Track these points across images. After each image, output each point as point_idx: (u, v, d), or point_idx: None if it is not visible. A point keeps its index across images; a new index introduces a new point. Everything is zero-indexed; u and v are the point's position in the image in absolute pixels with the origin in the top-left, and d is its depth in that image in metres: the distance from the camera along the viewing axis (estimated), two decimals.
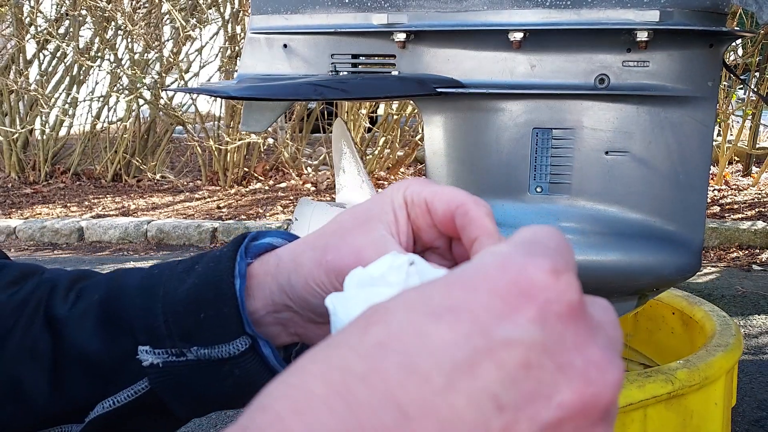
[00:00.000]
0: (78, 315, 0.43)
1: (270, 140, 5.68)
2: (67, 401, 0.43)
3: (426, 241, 0.39)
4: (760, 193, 4.81)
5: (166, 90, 5.38)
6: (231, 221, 4.45)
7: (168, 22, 5.61)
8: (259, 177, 5.62)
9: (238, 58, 4.51)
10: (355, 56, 1.18)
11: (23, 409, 0.43)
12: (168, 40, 5.70)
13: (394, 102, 5.01)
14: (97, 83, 5.76)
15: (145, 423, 0.44)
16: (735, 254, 3.71)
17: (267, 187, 5.46)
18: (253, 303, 0.41)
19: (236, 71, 1.39)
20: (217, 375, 0.41)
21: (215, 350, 0.40)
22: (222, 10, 5.19)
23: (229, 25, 5.24)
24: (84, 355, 0.42)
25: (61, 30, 5.61)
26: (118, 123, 5.75)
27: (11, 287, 0.46)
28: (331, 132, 2.76)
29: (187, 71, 5.48)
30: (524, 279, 0.24)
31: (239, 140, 5.22)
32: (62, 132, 5.80)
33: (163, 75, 5.41)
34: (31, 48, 5.74)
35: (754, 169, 5.36)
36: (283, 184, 5.52)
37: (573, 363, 0.24)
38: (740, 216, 4.24)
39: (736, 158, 5.61)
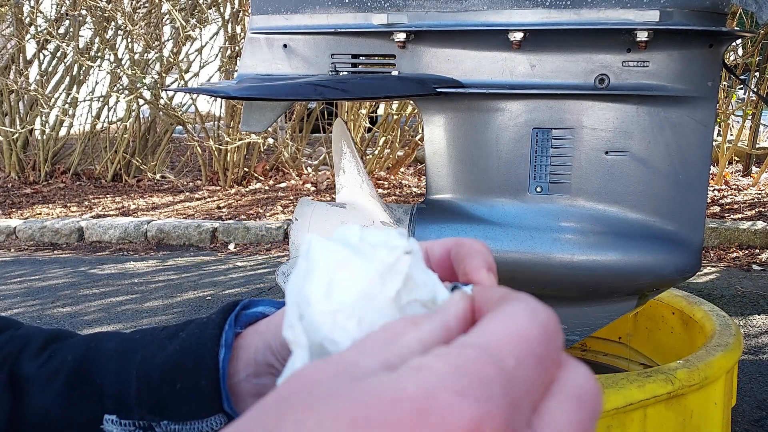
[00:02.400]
0: (47, 375, 0.40)
1: (270, 140, 5.68)
2: None
3: None
4: (760, 193, 4.81)
5: (166, 90, 5.38)
6: (231, 221, 4.45)
7: (168, 22, 5.61)
8: (259, 177, 5.62)
9: (238, 58, 4.51)
10: (355, 56, 1.18)
11: None
12: (168, 40, 5.70)
13: (394, 102, 5.01)
14: (97, 83, 5.76)
15: None
16: (735, 254, 3.71)
17: (267, 187, 5.46)
18: (234, 364, 0.38)
19: (236, 71, 1.39)
20: None
21: (187, 426, 0.37)
22: (222, 10, 5.19)
23: (229, 25, 5.24)
24: (44, 420, 0.39)
25: (61, 30, 5.61)
26: (118, 123, 5.75)
27: None
28: (331, 132, 2.76)
29: (187, 71, 5.48)
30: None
31: (239, 140, 5.22)
32: (62, 132, 5.81)
33: (163, 75, 5.41)
34: (31, 48, 5.74)
35: (754, 169, 5.36)
36: (283, 184, 5.52)
37: None
38: (740, 216, 4.24)
39: (736, 158, 5.61)
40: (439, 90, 1.11)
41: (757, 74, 4.83)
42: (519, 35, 1.07)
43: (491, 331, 0.24)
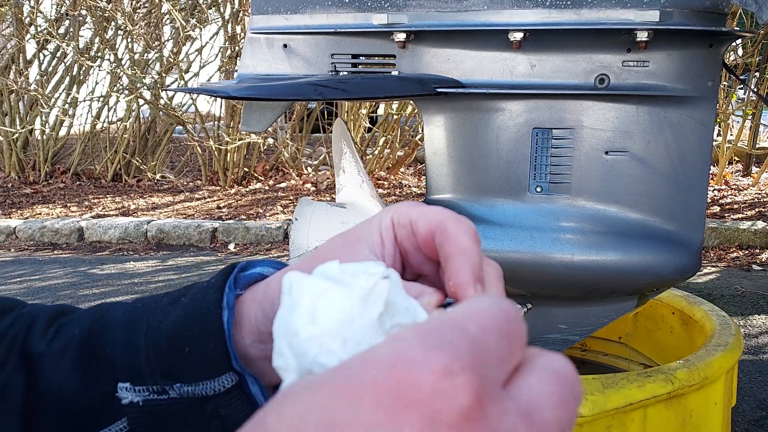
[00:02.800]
0: (56, 351, 0.41)
1: (270, 140, 5.68)
2: None
3: (414, 265, 0.37)
4: (760, 193, 4.81)
5: (166, 90, 5.38)
6: (231, 221, 4.45)
7: (168, 22, 5.61)
8: (259, 177, 5.62)
9: (238, 58, 4.51)
10: (355, 56, 1.18)
11: None
12: (168, 40, 5.70)
13: (394, 102, 5.01)
14: (97, 83, 5.76)
15: None
16: (735, 254, 3.71)
17: (267, 187, 5.46)
18: (239, 331, 0.39)
19: (236, 71, 1.39)
20: (201, 414, 0.39)
21: (199, 387, 0.38)
22: (222, 10, 5.19)
23: (229, 25, 5.24)
24: (60, 395, 0.40)
25: (61, 30, 5.61)
26: (118, 123, 5.75)
27: None
28: (331, 132, 2.76)
29: (187, 71, 5.48)
30: (410, 384, 0.22)
31: (239, 140, 5.22)
32: (62, 132, 5.81)
33: (163, 75, 5.41)
34: (31, 48, 5.74)
35: (754, 169, 5.36)
36: (283, 184, 5.52)
37: None
38: (740, 216, 4.24)
39: (736, 158, 5.62)
40: (439, 90, 1.11)
41: (757, 74, 4.83)
42: (519, 35, 1.07)
43: (454, 311, 0.26)
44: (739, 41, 4.56)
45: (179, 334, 0.38)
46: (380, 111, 5.99)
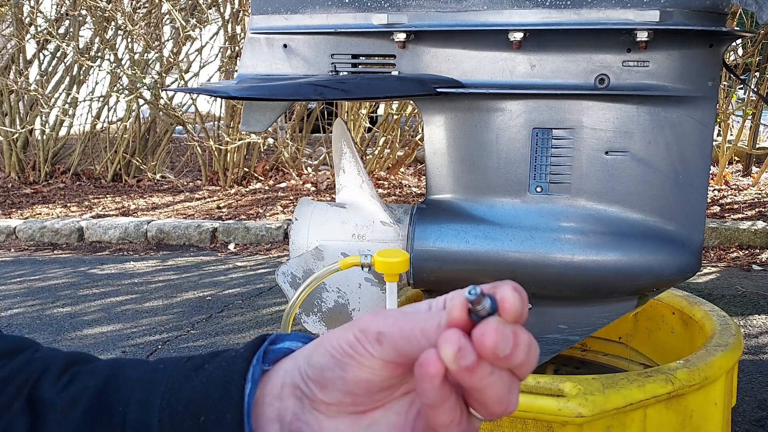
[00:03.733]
0: (67, 401, 0.40)
1: (270, 140, 5.68)
2: None
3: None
4: (760, 193, 4.81)
5: (166, 90, 5.38)
6: (231, 221, 4.45)
7: (168, 22, 5.61)
8: (259, 177, 5.62)
9: (238, 58, 4.51)
10: (355, 56, 1.18)
11: None
12: (168, 40, 5.70)
13: (394, 102, 5.01)
14: (97, 83, 5.76)
15: None
16: (735, 254, 3.71)
17: (267, 187, 5.46)
18: (260, 389, 0.38)
19: (236, 71, 1.39)
20: None
21: None
22: (222, 10, 5.19)
23: (229, 25, 5.24)
24: None
25: (61, 30, 5.61)
26: (118, 123, 5.75)
27: None
28: (331, 132, 2.76)
29: (187, 71, 5.48)
30: None
31: (239, 140, 5.22)
32: (62, 132, 5.81)
33: (163, 75, 5.41)
34: (31, 48, 5.74)
35: (754, 169, 5.36)
36: (283, 184, 5.52)
37: None
38: (740, 216, 4.24)
39: (736, 158, 5.62)
40: (439, 90, 1.11)
41: (757, 74, 4.83)
42: (519, 35, 1.07)
43: None
44: (739, 41, 4.56)
45: (198, 401, 0.38)
46: (380, 111, 5.99)
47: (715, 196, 4.74)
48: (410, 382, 0.36)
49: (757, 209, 4.40)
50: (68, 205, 5.15)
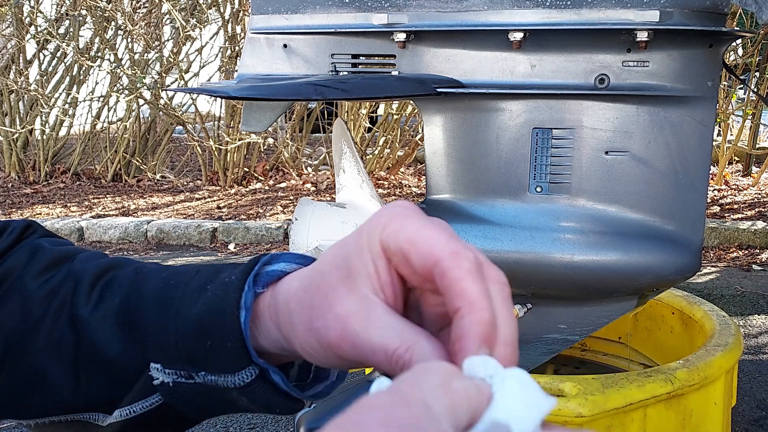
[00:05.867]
0: (98, 318, 0.43)
1: (270, 140, 5.68)
2: (89, 398, 0.43)
3: (416, 284, 0.35)
4: (760, 193, 4.81)
5: (166, 90, 5.38)
6: (231, 221, 4.45)
7: (168, 22, 5.61)
8: (259, 177, 5.62)
9: (238, 58, 4.51)
10: (355, 56, 1.18)
11: (49, 399, 0.43)
12: (168, 40, 5.70)
13: (394, 102, 5.01)
14: (97, 83, 5.76)
15: (163, 426, 0.44)
16: (735, 254, 3.71)
17: (267, 187, 5.46)
18: (261, 341, 0.40)
19: (236, 71, 1.40)
20: (228, 397, 0.41)
21: (222, 378, 0.40)
22: (222, 10, 5.19)
23: (229, 25, 5.24)
24: (103, 358, 0.43)
25: (61, 30, 5.61)
26: (118, 123, 5.75)
27: (44, 274, 0.46)
28: (331, 132, 2.76)
29: (187, 71, 5.48)
30: None
31: (239, 140, 5.22)
32: (62, 132, 5.80)
33: (163, 75, 5.41)
34: (31, 48, 5.74)
35: (754, 169, 5.36)
36: (283, 184, 5.52)
37: None
38: (740, 216, 4.24)
39: (736, 158, 5.62)
40: (439, 90, 1.11)
41: (757, 74, 4.83)
42: (519, 35, 1.07)
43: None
44: (739, 41, 4.56)
45: (202, 327, 0.40)
46: (380, 111, 5.99)
47: (715, 196, 4.74)
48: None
49: (757, 209, 4.40)
50: (68, 205, 5.15)
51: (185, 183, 5.68)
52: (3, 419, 0.45)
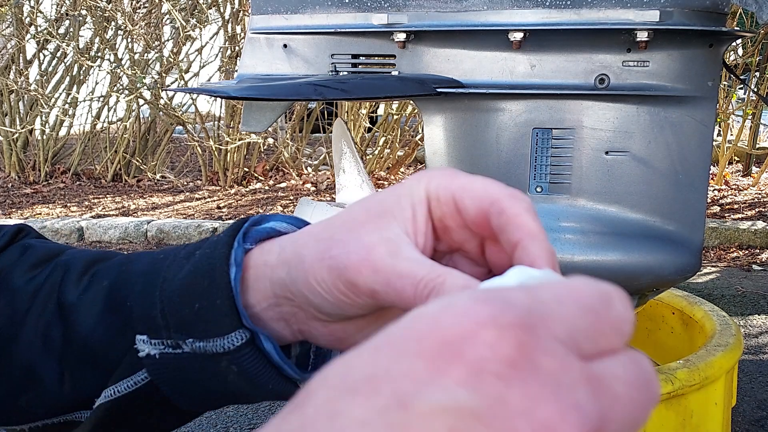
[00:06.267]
0: (87, 302, 0.42)
1: (270, 140, 5.68)
2: (75, 390, 0.42)
3: (455, 242, 0.35)
4: (760, 193, 4.81)
5: (166, 90, 5.38)
6: (231, 221, 4.45)
7: (168, 22, 5.61)
8: (259, 177, 5.62)
9: (238, 58, 4.51)
10: (355, 56, 1.18)
11: (37, 397, 0.42)
12: (168, 40, 5.70)
13: (394, 102, 5.01)
14: (97, 83, 5.76)
15: (150, 414, 0.42)
16: (735, 254, 3.71)
17: (267, 187, 5.46)
18: (252, 295, 0.39)
19: (236, 71, 1.39)
20: (216, 370, 0.39)
21: (210, 344, 0.38)
22: (222, 10, 5.19)
23: (229, 25, 5.24)
24: (89, 344, 0.41)
25: (61, 30, 5.61)
26: (118, 123, 5.75)
27: (32, 271, 0.45)
28: (331, 132, 2.76)
29: (187, 71, 5.48)
30: (454, 333, 0.20)
31: (239, 140, 5.22)
32: (62, 132, 5.80)
33: (163, 75, 5.41)
34: (31, 48, 5.74)
35: (754, 169, 5.36)
36: (283, 184, 5.52)
37: (517, 429, 0.19)
38: (740, 216, 4.24)
39: (736, 158, 5.62)
40: (439, 90, 1.11)
41: (757, 74, 4.83)
42: (519, 35, 1.07)
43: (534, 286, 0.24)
44: (739, 41, 4.56)
45: (190, 290, 0.39)
46: (380, 111, 5.99)
47: (715, 196, 4.74)
48: None
49: (757, 209, 4.40)
50: (68, 205, 5.15)
51: (185, 183, 5.68)
52: None
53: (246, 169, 5.59)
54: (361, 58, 1.18)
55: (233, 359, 0.38)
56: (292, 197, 5.10)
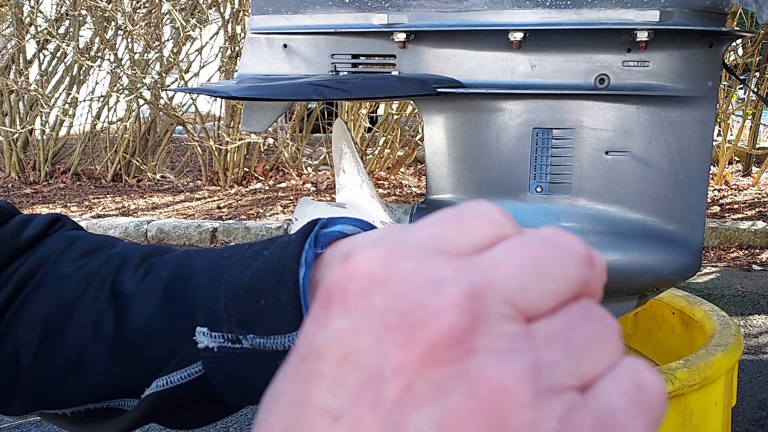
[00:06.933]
0: (144, 291, 0.43)
1: (270, 140, 5.68)
2: (124, 377, 0.42)
3: None
4: (760, 193, 4.81)
5: (166, 90, 5.38)
6: (231, 221, 4.45)
7: (168, 22, 5.61)
8: (259, 177, 5.62)
9: (238, 58, 4.51)
10: (355, 56, 1.18)
11: (84, 382, 0.42)
12: (168, 40, 5.70)
13: (394, 102, 5.01)
14: (97, 83, 5.76)
15: (197, 405, 0.43)
16: (735, 254, 3.71)
17: (267, 187, 5.46)
18: (315, 271, 0.39)
19: (236, 71, 1.39)
20: (272, 367, 0.38)
21: (271, 341, 0.38)
22: (222, 10, 5.19)
23: (229, 25, 5.24)
24: (146, 334, 0.42)
25: (61, 30, 5.61)
26: (118, 123, 5.75)
27: (81, 259, 0.46)
28: (331, 132, 2.75)
29: (187, 71, 5.48)
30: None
31: (239, 140, 5.22)
32: (62, 132, 5.81)
33: (163, 75, 5.41)
34: (31, 48, 5.74)
35: (754, 169, 5.36)
36: (283, 184, 5.52)
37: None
38: (740, 216, 4.24)
39: (736, 158, 5.62)
40: (439, 90, 1.11)
41: (757, 74, 4.83)
42: (519, 35, 1.07)
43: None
44: (739, 41, 4.56)
45: (257, 285, 0.39)
46: (380, 111, 5.99)
47: (715, 196, 4.74)
48: None
49: (757, 209, 4.40)
50: (68, 205, 5.15)
51: (185, 183, 5.68)
52: (36, 410, 0.44)
53: (246, 169, 5.59)
54: (361, 58, 1.18)
55: None
56: (292, 197, 5.10)
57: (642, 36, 1.03)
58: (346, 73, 1.18)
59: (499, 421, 0.18)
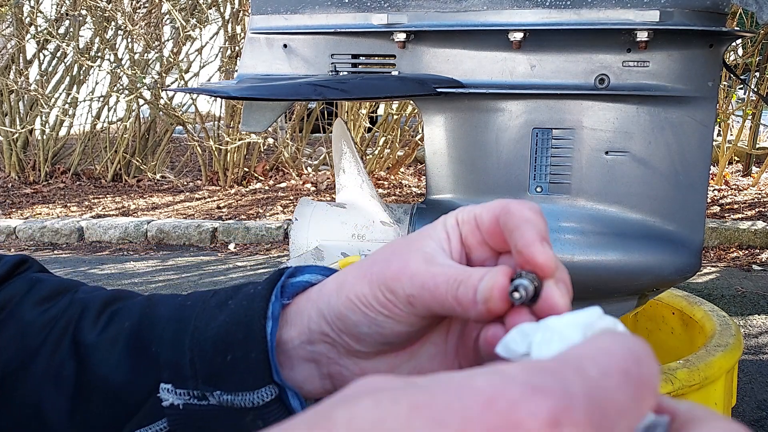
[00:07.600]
0: (107, 342, 0.41)
1: (270, 140, 5.68)
2: (87, 429, 0.41)
3: (477, 262, 0.37)
4: (760, 193, 4.81)
5: (166, 90, 5.38)
6: (231, 221, 4.45)
7: (168, 22, 5.61)
8: (259, 177, 5.62)
9: (238, 58, 4.51)
10: (355, 56, 1.18)
11: (45, 431, 0.41)
12: (168, 40, 5.70)
13: (394, 102, 5.01)
14: (97, 83, 5.76)
15: None
16: (735, 254, 3.71)
17: (267, 187, 5.46)
18: (288, 331, 0.39)
19: (236, 71, 1.39)
20: (240, 424, 0.38)
21: (239, 398, 0.38)
22: (222, 10, 5.19)
23: (229, 25, 5.24)
24: (107, 386, 0.40)
25: (61, 30, 5.61)
26: (118, 123, 5.75)
27: (43, 304, 0.44)
28: (331, 132, 2.75)
29: (187, 71, 5.48)
30: (506, 427, 0.19)
31: (239, 140, 5.22)
32: (62, 132, 5.81)
33: (163, 75, 5.41)
34: (31, 48, 5.74)
35: (754, 169, 5.36)
36: (283, 184, 5.52)
37: None
38: (740, 216, 4.24)
39: (736, 158, 5.62)
40: (439, 90, 1.11)
41: (757, 74, 4.83)
42: (519, 35, 1.07)
43: (571, 351, 0.23)
44: (739, 41, 4.56)
45: (224, 340, 0.38)
46: (380, 111, 5.99)
47: (715, 196, 4.74)
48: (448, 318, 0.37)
49: (757, 209, 4.40)
50: (68, 205, 5.15)
51: (185, 183, 5.68)
52: None
53: (246, 169, 5.59)
54: (361, 58, 1.18)
55: (260, 414, 0.38)
56: (292, 197, 5.10)
57: (642, 36, 1.03)
58: (345, 73, 1.18)
59: None
